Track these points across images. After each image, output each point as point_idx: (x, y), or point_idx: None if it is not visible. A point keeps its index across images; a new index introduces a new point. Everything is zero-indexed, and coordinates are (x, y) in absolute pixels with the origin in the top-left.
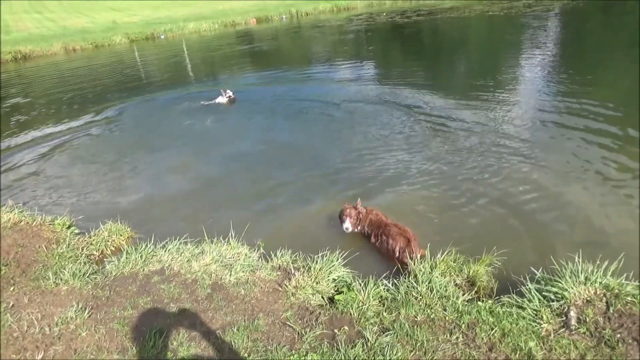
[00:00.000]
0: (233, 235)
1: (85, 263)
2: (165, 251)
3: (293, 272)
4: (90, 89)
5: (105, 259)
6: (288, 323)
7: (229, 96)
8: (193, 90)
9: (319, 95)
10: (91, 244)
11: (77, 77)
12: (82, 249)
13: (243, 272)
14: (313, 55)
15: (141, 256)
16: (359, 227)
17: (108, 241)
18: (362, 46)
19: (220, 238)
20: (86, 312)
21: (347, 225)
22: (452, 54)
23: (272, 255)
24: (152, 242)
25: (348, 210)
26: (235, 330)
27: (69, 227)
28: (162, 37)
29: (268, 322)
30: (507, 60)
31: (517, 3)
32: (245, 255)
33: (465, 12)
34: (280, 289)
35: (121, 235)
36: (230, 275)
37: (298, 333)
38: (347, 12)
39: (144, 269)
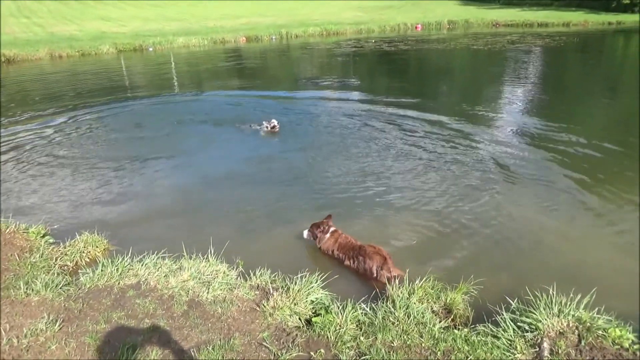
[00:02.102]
0: (212, 252)
1: (58, 274)
2: (142, 265)
3: (271, 292)
4: (70, 93)
5: (79, 271)
6: (264, 344)
7: (274, 126)
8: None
9: (304, 114)
10: (65, 254)
11: (59, 82)
12: (56, 259)
13: (221, 290)
14: (299, 75)
15: (117, 269)
16: (319, 244)
17: (83, 252)
18: (349, 69)
19: (200, 254)
20: (57, 324)
21: (305, 232)
22: (437, 81)
23: (251, 274)
24: (129, 255)
25: (316, 223)
26: (210, 349)
27: (43, 236)
28: (151, 49)
29: (244, 342)
30: (489, 91)
31: (501, 39)
32: (224, 273)
33: (450, 44)
34: (257, 308)
35: (97, 246)
36: (208, 292)
37: (274, 354)
38: (336, 37)
39: (119, 283)
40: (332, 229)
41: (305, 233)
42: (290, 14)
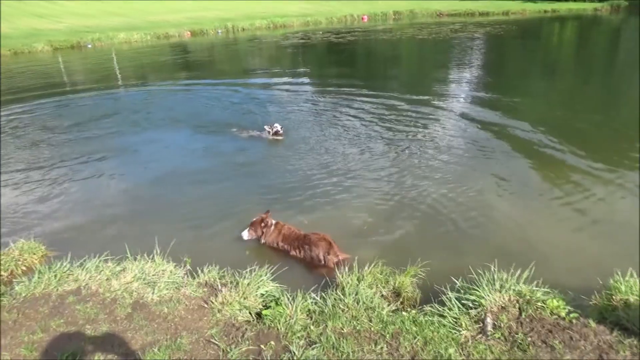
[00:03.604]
0: (158, 251)
1: None
2: (82, 270)
3: (220, 288)
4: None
5: (14, 280)
6: (213, 340)
7: (276, 131)
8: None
9: (254, 104)
10: None
11: None
12: None
13: (167, 289)
14: (250, 67)
15: (55, 275)
16: (264, 239)
17: (19, 260)
18: (299, 60)
19: (145, 255)
20: None
21: (244, 234)
22: (386, 69)
23: (199, 272)
24: (69, 260)
25: (253, 220)
26: (156, 350)
27: None
28: (89, 45)
29: (192, 340)
30: (437, 76)
31: (445, 28)
32: (171, 272)
33: (397, 34)
34: (206, 305)
35: (34, 253)
36: (153, 293)
37: (223, 350)
38: (283, 30)
39: (57, 289)
40: (273, 222)
41: (246, 233)
42: (234, 7)
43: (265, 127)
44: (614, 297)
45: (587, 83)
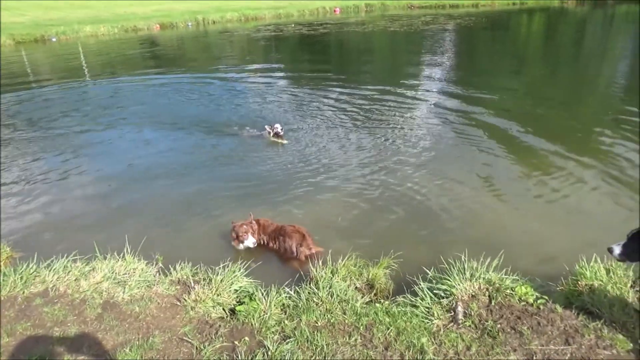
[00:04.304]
0: (129, 250)
1: None
2: (50, 271)
3: (193, 285)
4: None
5: None
6: (186, 338)
7: (276, 132)
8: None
9: (229, 96)
10: None
11: None
12: None
13: (138, 288)
14: (222, 60)
15: (21, 277)
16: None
17: None
18: (272, 52)
19: (115, 254)
20: None
21: (252, 241)
22: (359, 61)
23: (171, 269)
24: (35, 261)
25: (244, 227)
26: (127, 350)
27: None
28: (54, 39)
29: (164, 339)
30: (410, 68)
31: (416, 20)
32: (142, 270)
33: (369, 26)
34: (178, 303)
35: None
36: (124, 292)
37: (196, 348)
38: (254, 22)
39: (24, 292)
40: (254, 225)
41: (251, 239)
42: None
43: (266, 127)
44: (579, 282)
45: (555, 73)
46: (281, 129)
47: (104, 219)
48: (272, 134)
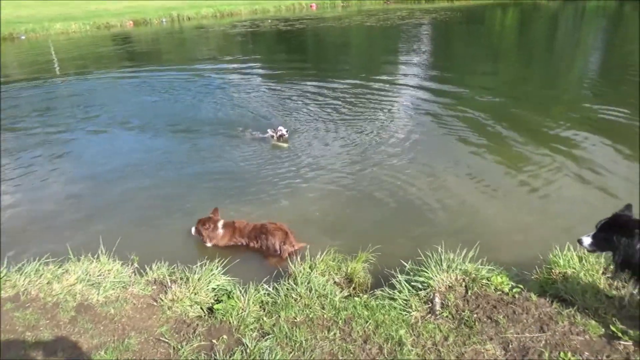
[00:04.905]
0: (103, 251)
1: None
2: (21, 275)
3: (170, 284)
4: None
5: None
6: (163, 339)
7: (281, 135)
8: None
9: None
10: None
11: None
12: None
13: (113, 289)
14: (199, 55)
15: None
16: (210, 242)
17: None
18: (249, 48)
19: (89, 255)
20: None
21: (193, 229)
22: (337, 56)
23: (148, 269)
24: (5, 265)
25: (202, 217)
26: (103, 352)
27: None
28: (23, 37)
29: (141, 340)
30: (387, 62)
31: (393, 15)
32: (117, 271)
33: (346, 21)
34: (155, 303)
35: None
36: (99, 294)
37: (174, 348)
38: (230, 18)
39: None
40: (220, 223)
41: (193, 229)
42: None
43: (269, 130)
44: (553, 270)
45: (530, 65)
46: (286, 132)
47: (77, 220)
48: (276, 137)
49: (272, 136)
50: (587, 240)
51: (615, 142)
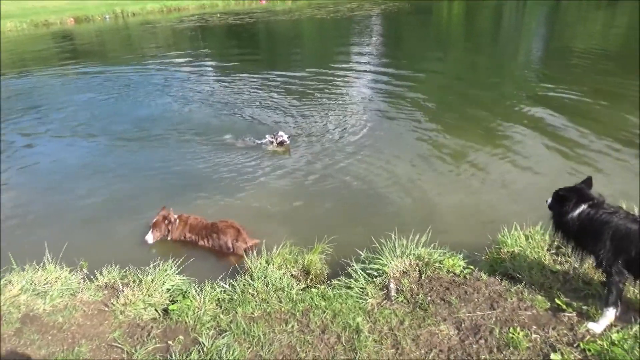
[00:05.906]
0: (49, 258)
1: None
2: None
3: (121, 288)
4: None
5: None
6: (115, 344)
7: (281, 141)
8: None
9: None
10: None
11: None
12: None
13: (61, 297)
14: (147, 52)
15: None
16: (171, 236)
17: None
18: (199, 43)
19: (34, 263)
20: None
21: (149, 237)
22: (288, 48)
23: (98, 274)
24: None
25: (155, 220)
26: None
27: None
28: None
29: (92, 347)
30: (340, 52)
31: (342, 7)
32: (65, 278)
33: (296, 14)
34: (106, 309)
35: None
36: (45, 303)
37: (127, 352)
38: (177, 13)
39: None
40: (175, 216)
41: (150, 237)
42: None
43: (267, 136)
44: (502, 250)
45: (477, 51)
46: (287, 137)
47: (19, 227)
48: (275, 144)
49: (271, 142)
50: (549, 201)
51: (569, 120)
